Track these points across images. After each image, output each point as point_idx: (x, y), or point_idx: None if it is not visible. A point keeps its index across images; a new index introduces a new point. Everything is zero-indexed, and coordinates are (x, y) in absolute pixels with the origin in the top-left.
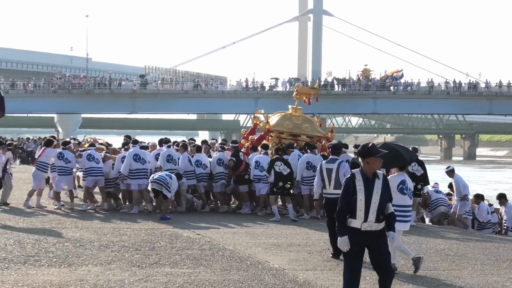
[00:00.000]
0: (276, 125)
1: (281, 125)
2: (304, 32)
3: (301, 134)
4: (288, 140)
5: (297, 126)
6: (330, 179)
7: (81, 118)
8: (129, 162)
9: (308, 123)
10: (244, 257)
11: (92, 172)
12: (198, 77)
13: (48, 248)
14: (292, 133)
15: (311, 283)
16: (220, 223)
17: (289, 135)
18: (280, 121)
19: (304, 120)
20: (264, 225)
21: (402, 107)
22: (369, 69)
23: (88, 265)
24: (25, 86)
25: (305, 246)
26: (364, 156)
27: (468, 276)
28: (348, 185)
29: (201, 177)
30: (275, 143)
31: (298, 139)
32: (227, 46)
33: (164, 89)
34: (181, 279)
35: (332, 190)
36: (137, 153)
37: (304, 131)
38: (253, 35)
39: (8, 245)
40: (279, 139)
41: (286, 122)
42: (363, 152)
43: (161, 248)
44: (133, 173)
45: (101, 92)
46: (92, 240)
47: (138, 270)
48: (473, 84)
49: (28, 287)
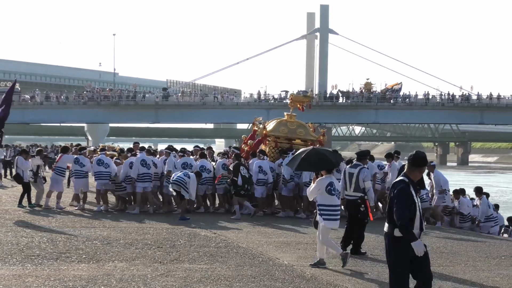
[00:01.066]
0: (273, 130)
1: (277, 130)
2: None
3: (296, 138)
4: (284, 144)
5: (292, 131)
6: (351, 182)
7: (108, 127)
8: (137, 166)
9: (302, 128)
10: (256, 254)
11: (101, 176)
12: (215, 90)
13: (78, 246)
14: (287, 137)
15: (318, 278)
16: (234, 223)
17: (285, 139)
18: (276, 127)
19: (298, 125)
20: (275, 225)
21: (401, 117)
22: (370, 83)
23: (114, 261)
24: (58, 98)
25: (313, 244)
26: (418, 164)
27: (461, 272)
28: (406, 193)
29: (205, 181)
30: (272, 147)
31: (293, 142)
32: (241, 62)
33: (184, 101)
34: (199, 274)
35: (352, 192)
36: (144, 158)
37: (298, 136)
38: (265, 51)
39: (41, 243)
40: (275, 143)
41: (281, 128)
42: (417, 161)
43: (181, 245)
44: (139, 176)
45: (127, 104)
46: (118, 238)
47: (160, 265)
48: (465, 96)
49: (60, 281)
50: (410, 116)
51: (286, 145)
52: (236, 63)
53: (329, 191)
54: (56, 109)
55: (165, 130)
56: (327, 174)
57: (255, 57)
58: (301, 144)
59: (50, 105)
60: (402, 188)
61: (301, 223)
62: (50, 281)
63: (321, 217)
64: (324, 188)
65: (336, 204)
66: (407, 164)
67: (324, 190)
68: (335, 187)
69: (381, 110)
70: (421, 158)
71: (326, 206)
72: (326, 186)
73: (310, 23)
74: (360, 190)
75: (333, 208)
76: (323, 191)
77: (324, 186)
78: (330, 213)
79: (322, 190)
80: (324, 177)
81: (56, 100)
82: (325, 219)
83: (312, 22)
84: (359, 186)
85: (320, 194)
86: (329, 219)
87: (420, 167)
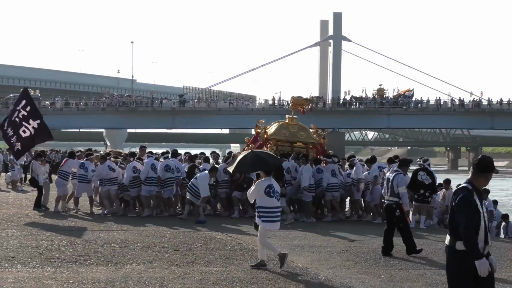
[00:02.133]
0: (274, 133)
1: (278, 134)
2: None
3: (297, 141)
4: (285, 147)
5: (293, 134)
6: (388, 187)
7: (127, 133)
8: (147, 169)
9: (303, 131)
10: (271, 257)
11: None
12: (230, 96)
13: (97, 249)
14: (289, 140)
15: (331, 280)
16: (249, 226)
17: (286, 142)
18: (277, 130)
19: (300, 128)
20: (289, 228)
21: (413, 123)
22: (383, 89)
23: (132, 264)
24: (77, 104)
25: (326, 248)
26: (484, 170)
27: None
28: (469, 202)
29: None
30: (273, 150)
31: (294, 145)
32: (256, 68)
33: (200, 107)
34: (215, 276)
35: (389, 197)
36: (154, 163)
37: (299, 139)
38: (280, 58)
39: (61, 246)
40: (276, 146)
41: (283, 131)
42: (482, 166)
43: (197, 248)
44: (147, 180)
45: (145, 110)
46: (135, 242)
47: (176, 268)
48: (476, 102)
49: (78, 283)
50: (422, 121)
51: (287, 148)
52: (251, 69)
53: (268, 193)
54: (76, 115)
55: (182, 136)
56: (266, 177)
57: (270, 63)
58: (303, 147)
59: (69, 111)
60: (465, 196)
61: (315, 226)
62: (69, 283)
63: (260, 219)
64: (263, 190)
65: (275, 206)
66: (472, 170)
67: (263, 192)
68: (274, 189)
69: (394, 115)
70: (487, 163)
71: (265, 208)
72: (265, 188)
73: (323, 30)
74: (395, 195)
75: (272, 210)
76: (262, 193)
77: (263, 188)
78: (269, 215)
79: (261, 193)
80: (264, 180)
81: (76, 107)
82: (264, 221)
83: (326, 29)
84: (394, 191)
85: (259, 196)
86: (268, 220)
87: (486, 173)
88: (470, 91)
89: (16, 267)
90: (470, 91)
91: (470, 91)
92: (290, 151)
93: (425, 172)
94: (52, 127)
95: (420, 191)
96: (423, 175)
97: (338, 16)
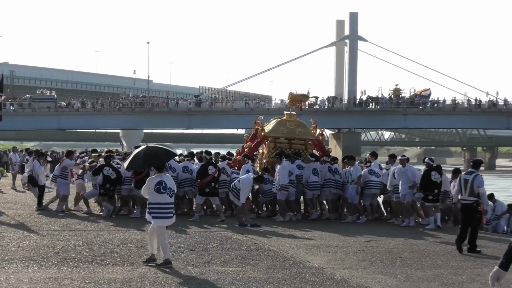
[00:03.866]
0: (272, 131)
1: (276, 131)
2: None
3: (295, 138)
4: (283, 144)
5: (291, 131)
6: (466, 187)
7: (143, 133)
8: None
9: (301, 127)
10: (287, 257)
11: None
12: (246, 96)
13: (113, 249)
14: (287, 137)
15: (347, 280)
16: (265, 227)
17: (284, 139)
18: (275, 127)
19: (298, 124)
20: (305, 228)
21: (429, 122)
22: (399, 89)
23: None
24: (93, 105)
25: (342, 247)
26: None
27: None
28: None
29: None
30: (272, 148)
31: (293, 142)
32: (272, 69)
33: (216, 107)
34: (231, 276)
35: (467, 196)
36: (186, 165)
37: (297, 135)
38: (295, 58)
39: (77, 246)
40: (274, 143)
41: (280, 128)
42: None
43: (213, 249)
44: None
45: (161, 110)
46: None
47: (193, 268)
48: (492, 102)
49: (95, 284)
50: (438, 121)
51: (285, 145)
52: (267, 69)
53: (157, 189)
54: (92, 116)
55: (198, 136)
56: (158, 173)
57: (286, 63)
58: (301, 144)
59: (86, 112)
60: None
61: (330, 226)
62: (85, 283)
63: (151, 215)
64: (153, 186)
65: (167, 202)
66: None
67: (153, 189)
68: (165, 185)
69: (410, 115)
70: None
71: (155, 204)
72: (155, 184)
73: (339, 30)
74: (474, 195)
75: (163, 206)
76: (152, 189)
77: (153, 184)
78: (160, 211)
79: (151, 189)
80: (155, 176)
81: (92, 107)
82: (155, 217)
83: (342, 29)
84: (473, 192)
85: (150, 193)
86: (159, 217)
87: None
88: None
89: (32, 268)
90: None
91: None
92: (288, 148)
93: (437, 171)
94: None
95: (434, 191)
96: (435, 174)
97: (354, 16)
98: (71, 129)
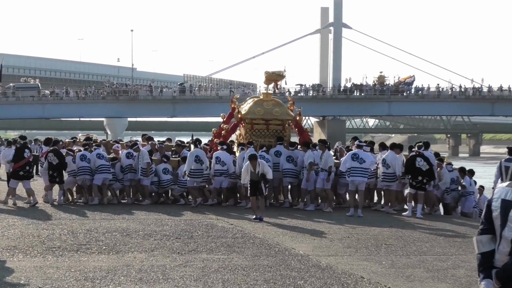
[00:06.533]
0: (248, 112)
1: (253, 112)
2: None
3: (272, 119)
4: (260, 126)
5: (267, 112)
6: (507, 174)
7: (127, 122)
8: (191, 161)
9: (278, 107)
10: (272, 244)
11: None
12: (231, 84)
13: (98, 237)
14: (264, 118)
15: (333, 267)
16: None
17: (261, 120)
18: (252, 108)
19: (275, 104)
20: (289, 216)
21: (413, 110)
22: (384, 76)
23: (133, 252)
24: (77, 93)
25: (327, 235)
26: None
27: (474, 259)
28: None
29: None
30: (249, 130)
31: (270, 123)
32: (257, 56)
33: (201, 95)
34: (216, 264)
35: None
36: (198, 154)
37: (274, 116)
38: (280, 46)
39: (62, 235)
40: (251, 125)
41: (257, 109)
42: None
43: (199, 236)
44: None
45: (145, 98)
46: (137, 230)
47: (178, 256)
48: (477, 89)
49: (80, 272)
50: (423, 108)
51: (262, 126)
52: (251, 57)
53: None
54: (76, 104)
55: (183, 124)
56: None
57: (270, 51)
58: (278, 125)
59: (69, 100)
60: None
61: (315, 214)
62: (70, 272)
63: None
64: None
65: None
66: None
67: None
68: None
69: (394, 102)
70: None
71: None
72: None
73: (324, 18)
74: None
75: None
76: None
77: None
78: None
79: None
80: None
81: (76, 95)
82: None
83: (326, 17)
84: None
85: None
86: None
87: None
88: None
89: (17, 256)
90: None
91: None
92: (265, 129)
93: (422, 158)
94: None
95: (418, 177)
96: (420, 161)
97: (338, 3)
98: (55, 117)
